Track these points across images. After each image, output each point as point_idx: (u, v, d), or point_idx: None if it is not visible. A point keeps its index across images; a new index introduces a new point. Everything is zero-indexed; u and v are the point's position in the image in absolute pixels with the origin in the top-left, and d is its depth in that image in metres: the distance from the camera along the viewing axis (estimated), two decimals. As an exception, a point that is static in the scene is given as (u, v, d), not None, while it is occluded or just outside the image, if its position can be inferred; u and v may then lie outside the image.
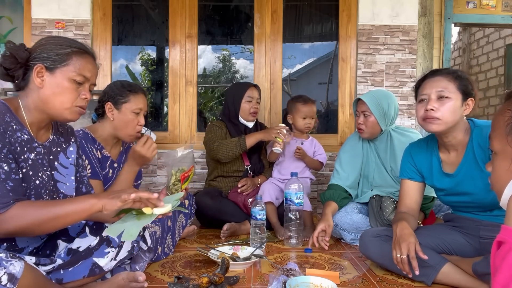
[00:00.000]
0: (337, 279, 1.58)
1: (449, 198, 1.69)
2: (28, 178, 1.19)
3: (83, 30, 3.08)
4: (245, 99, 2.59)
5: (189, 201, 2.22)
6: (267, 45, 3.24)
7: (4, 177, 1.09)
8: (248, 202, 2.43)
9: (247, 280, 1.59)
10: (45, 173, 1.25)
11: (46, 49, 1.22)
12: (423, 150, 1.74)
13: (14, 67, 1.20)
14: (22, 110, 1.22)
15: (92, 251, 1.28)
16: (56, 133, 1.36)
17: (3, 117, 1.14)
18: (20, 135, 1.18)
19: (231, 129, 2.60)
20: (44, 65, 1.21)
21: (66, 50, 1.23)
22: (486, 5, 3.27)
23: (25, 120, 1.22)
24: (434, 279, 1.53)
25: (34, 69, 1.20)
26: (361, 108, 2.22)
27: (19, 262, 0.99)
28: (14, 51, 1.19)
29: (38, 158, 1.24)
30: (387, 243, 1.64)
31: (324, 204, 2.20)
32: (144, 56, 3.84)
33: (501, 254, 0.79)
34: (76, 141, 1.44)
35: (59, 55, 1.22)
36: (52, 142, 1.33)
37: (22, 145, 1.18)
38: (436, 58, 3.22)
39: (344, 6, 3.21)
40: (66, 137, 1.40)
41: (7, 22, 3.27)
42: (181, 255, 1.93)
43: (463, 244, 1.62)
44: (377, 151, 2.29)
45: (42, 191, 1.23)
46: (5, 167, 1.10)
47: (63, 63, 1.22)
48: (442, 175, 1.67)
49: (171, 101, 3.24)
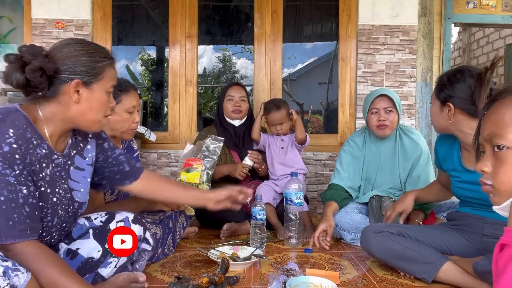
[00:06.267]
0: (337, 279, 1.58)
1: (463, 192, 1.69)
2: (46, 197, 1.15)
3: (83, 30, 3.08)
4: (226, 98, 2.60)
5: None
6: (267, 45, 3.24)
7: (22, 201, 1.04)
8: (248, 202, 2.43)
9: (247, 280, 1.59)
10: (62, 187, 1.21)
11: (80, 62, 1.15)
12: (448, 143, 1.76)
13: (41, 80, 1.10)
14: (43, 121, 1.16)
15: (98, 264, 1.29)
16: (74, 135, 1.29)
17: (25, 134, 1.08)
18: (39, 151, 1.13)
19: (220, 133, 2.59)
20: (81, 80, 1.15)
21: (102, 64, 1.19)
22: (486, 5, 3.26)
23: (44, 132, 1.16)
24: (434, 277, 1.53)
25: (71, 85, 1.14)
26: (382, 104, 2.15)
27: (25, 274, 0.96)
28: (43, 64, 1.09)
29: (56, 170, 1.20)
30: (389, 238, 1.64)
31: (325, 204, 2.20)
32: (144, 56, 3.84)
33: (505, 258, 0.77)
34: (94, 135, 1.36)
35: (95, 69, 1.17)
36: (71, 146, 1.27)
37: (41, 162, 1.13)
38: (436, 58, 3.22)
39: (344, 6, 3.21)
40: (84, 134, 1.32)
41: (7, 22, 3.27)
42: (181, 255, 1.93)
43: (464, 245, 1.62)
44: (382, 152, 2.27)
45: (58, 207, 1.20)
46: (24, 190, 1.05)
47: (99, 76, 1.18)
48: (462, 169, 1.67)
49: (171, 101, 3.24)
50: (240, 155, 2.59)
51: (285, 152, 2.49)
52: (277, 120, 2.47)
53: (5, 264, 0.94)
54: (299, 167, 2.49)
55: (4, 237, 1.01)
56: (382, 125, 2.16)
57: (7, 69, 1.10)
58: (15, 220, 1.02)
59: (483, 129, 0.95)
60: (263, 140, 2.56)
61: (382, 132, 2.18)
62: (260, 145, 2.58)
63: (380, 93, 2.18)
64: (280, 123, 2.48)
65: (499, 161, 0.89)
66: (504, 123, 0.89)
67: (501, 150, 0.89)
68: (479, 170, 0.94)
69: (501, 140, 0.89)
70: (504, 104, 0.90)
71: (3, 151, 1.01)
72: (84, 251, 1.30)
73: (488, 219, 1.58)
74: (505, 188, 0.88)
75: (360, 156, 2.31)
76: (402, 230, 1.67)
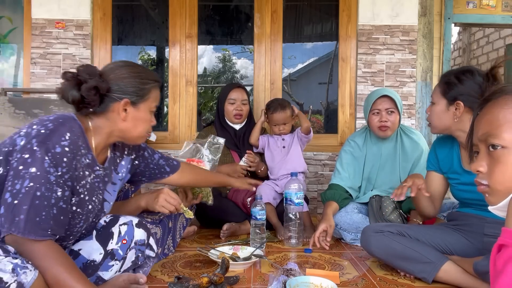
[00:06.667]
0: (337, 279, 1.58)
1: (464, 194, 1.69)
2: (83, 204, 1.20)
3: (83, 30, 3.08)
4: (228, 101, 2.57)
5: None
6: (267, 45, 3.24)
7: (54, 202, 1.08)
8: (247, 202, 2.43)
9: (247, 280, 1.59)
10: (98, 197, 1.28)
11: (131, 83, 1.26)
12: (447, 145, 1.76)
13: (95, 98, 1.20)
14: (92, 133, 1.25)
15: (98, 267, 1.30)
16: (113, 149, 1.38)
17: (78, 141, 1.16)
18: (84, 160, 1.20)
19: (220, 134, 2.60)
20: (130, 100, 1.25)
21: (149, 86, 1.30)
22: (486, 5, 3.26)
23: (92, 143, 1.24)
24: (434, 277, 1.53)
25: (121, 103, 1.24)
26: (384, 105, 2.16)
27: (32, 272, 0.98)
28: (98, 84, 1.19)
29: (96, 181, 1.26)
30: (389, 238, 1.64)
31: (325, 204, 2.20)
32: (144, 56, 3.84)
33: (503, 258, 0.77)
34: (130, 153, 1.45)
35: (143, 90, 1.28)
36: (110, 161, 1.35)
37: (84, 170, 1.20)
38: (436, 58, 3.22)
39: (344, 6, 3.21)
40: (121, 150, 1.42)
41: (7, 22, 3.27)
42: (181, 255, 1.93)
43: (464, 245, 1.62)
44: (383, 152, 2.27)
45: (90, 215, 1.26)
46: (59, 192, 1.09)
47: (145, 97, 1.29)
48: (462, 171, 1.67)
49: (171, 101, 3.24)
50: (240, 155, 2.58)
51: (287, 151, 2.49)
52: (281, 120, 2.47)
53: (14, 262, 0.96)
54: (301, 165, 2.49)
55: (26, 231, 1.03)
56: (383, 126, 2.16)
57: (64, 86, 1.20)
58: (42, 218, 1.05)
59: (477, 129, 0.95)
60: (262, 143, 2.56)
61: (383, 133, 2.19)
62: (259, 148, 2.59)
63: (382, 93, 2.18)
64: (284, 123, 2.48)
65: (494, 161, 0.90)
66: (498, 123, 0.89)
67: (496, 149, 0.89)
68: (474, 170, 0.95)
69: (496, 140, 0.89)
70: (498, 104, 0.91)
71: (55, 151, 1.08)
72: (86, 252, 1.31)
73: (488, 218, 1.58)
74: (501, 188, 0.88)
75: (360, 156, 2.30)
76: (402, 230, 1.67)
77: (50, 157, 1.07)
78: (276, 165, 2.49)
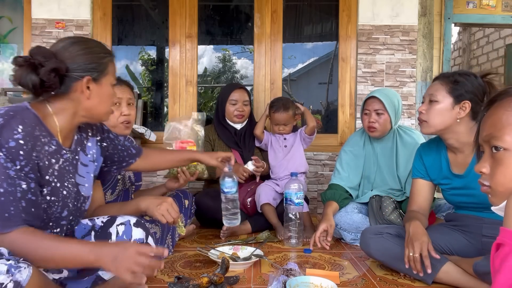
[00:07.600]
0: (337, 279, 1.58)
1: (456, 198, 1.69)
2: (56, 191, 1.18)
3: (83, 30, 3.08)
4: (229, 102, 2.56)
5: (189, 201, 2.22)
6: (267, 45, 3.24)
7: (20, 196, 1.06)
8: (248, 202, 2.43)
9: (247, 280, 1.59)
10: (70, 181, 1.25)
11: (89, 59, 1.20)
12: (433, 151, 1.75)
13: (55, 80, 1.14)
14: (54, 117, 1.20)
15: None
16: (78, 131, 1.34)
17: (33, 131, 1.11)
18: (47, 148, 1.16)
19: (220, 132, 2.59)
20: (91, 77, 1.21)
21: (106, 60, 1.25)
22: (486, 5, 3.27)
23: (54, 128, 1.20)
24: (434, 278, 1.53)
25: (83, 82, 1.19)
26: (374, 106, 2.16)
27: (27, 269, 0.98)
28: (57, 65, 1.13)
29: (65, 165, 1.24)
30: (389, 240, 1.64)
31: (325, 204, 2.20)
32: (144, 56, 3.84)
33: (500, 257, 0.77)
34: (94, 134, 1.41)
35: (102, 65, 1.23)
36: (77, 142, 1.31)
37: (49, 158, 1.16)
38: (436, 58, 3.22)
39: (344, 6, 3.21)
40: (86, 131, 1.38)
41: (7, 22, 3.27)
42: (181, 255, 1.93)
43: (464, 245, 1.62)
44: (381, 152, 2.27)
45: (68, 200, 1.23)
46: (23, 185, 1.07)
47: (105, 71, 1.24)
48: (451, 176, 1.67)
49: (171, 101, 3.24)
50: (242, 154, 2.58)
51: (289, 151, 2.50)
52: (282, 121, 2.47)
53: (8, 263, 0.96)
54: (303, 165, 2.49)
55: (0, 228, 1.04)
56: (371, 127, 2.19)
57: (18, 72, 1.12)
58: (11, 213, 1.05)
59: (482, 130, 0.96)
60: (266, 138, 2.56)
61: (371, 134, 2.22)
62: (262, 143, 2.58)
63: (372, 94, 2.20)
64: (284, 124, 2.48)
65: (496, 162, 0.90)
66: (501, 125, 0.90)
67: (499, 151, 0.90)
68: (477, 171, 0.95)
69: (498, 142, 0.89)
70: (502, 106, 0.91)
71: (8, 145, 1.05)
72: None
73: (486, 219, 1.58)
74: (501, 189, 0.89)
75: (360, 156, 2.31)
76: (401, 232, 1.67)
77: (4, 153, 1.04)
78: (278, 164, 2.49)
